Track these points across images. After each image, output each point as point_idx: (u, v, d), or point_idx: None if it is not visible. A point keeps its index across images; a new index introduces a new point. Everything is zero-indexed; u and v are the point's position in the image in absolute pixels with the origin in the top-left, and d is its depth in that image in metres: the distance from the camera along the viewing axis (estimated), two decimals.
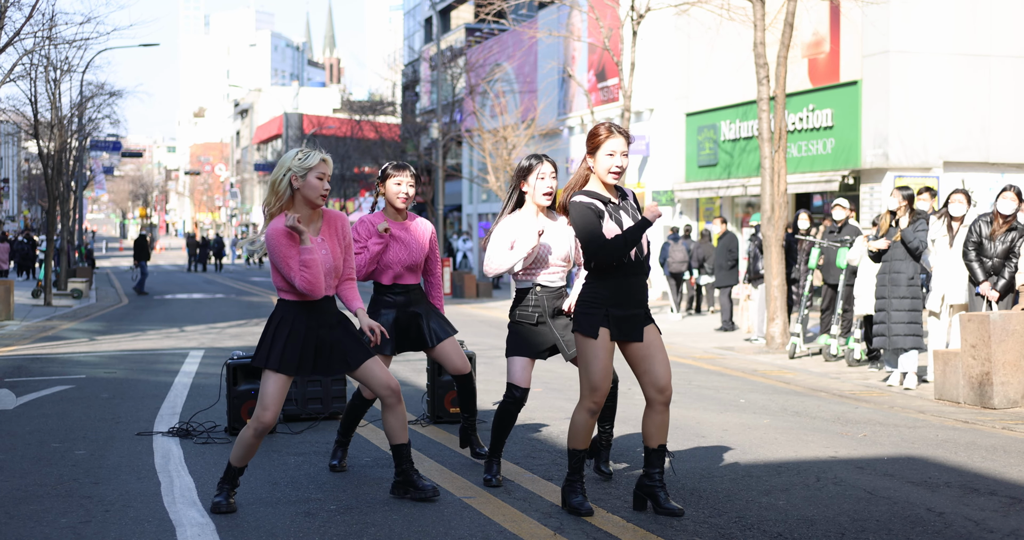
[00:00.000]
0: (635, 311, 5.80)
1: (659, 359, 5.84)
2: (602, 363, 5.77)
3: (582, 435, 5.88)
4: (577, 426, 5.88)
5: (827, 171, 22.72)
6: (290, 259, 5.81)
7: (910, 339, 11.30)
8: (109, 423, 9.07)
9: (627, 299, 5.77)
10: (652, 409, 5.88)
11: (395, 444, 6.18)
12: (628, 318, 5.78)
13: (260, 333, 6.46)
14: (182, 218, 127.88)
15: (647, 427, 5.90)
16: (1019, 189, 10.79)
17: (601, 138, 5.78)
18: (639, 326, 5.81)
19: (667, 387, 5.83)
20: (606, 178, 5.78)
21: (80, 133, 34.84)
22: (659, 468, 5.91)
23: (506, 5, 25.31)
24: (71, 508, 6.12)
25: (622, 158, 5.77)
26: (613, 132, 5.79)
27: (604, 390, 5.79)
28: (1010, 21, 21.93)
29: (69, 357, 14.61)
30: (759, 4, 16.07)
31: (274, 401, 5.91)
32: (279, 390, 5.93)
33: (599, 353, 5.76)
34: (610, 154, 5.76)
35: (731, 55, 24.92)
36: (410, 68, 57.33)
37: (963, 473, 7.12)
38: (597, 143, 5.79)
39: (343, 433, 7.17)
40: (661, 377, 5.82)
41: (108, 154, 54.67)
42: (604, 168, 5.77)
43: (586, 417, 5.85)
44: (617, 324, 5.76)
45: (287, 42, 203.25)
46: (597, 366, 5.77)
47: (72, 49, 27.09)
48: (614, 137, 5.78)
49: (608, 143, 5.77)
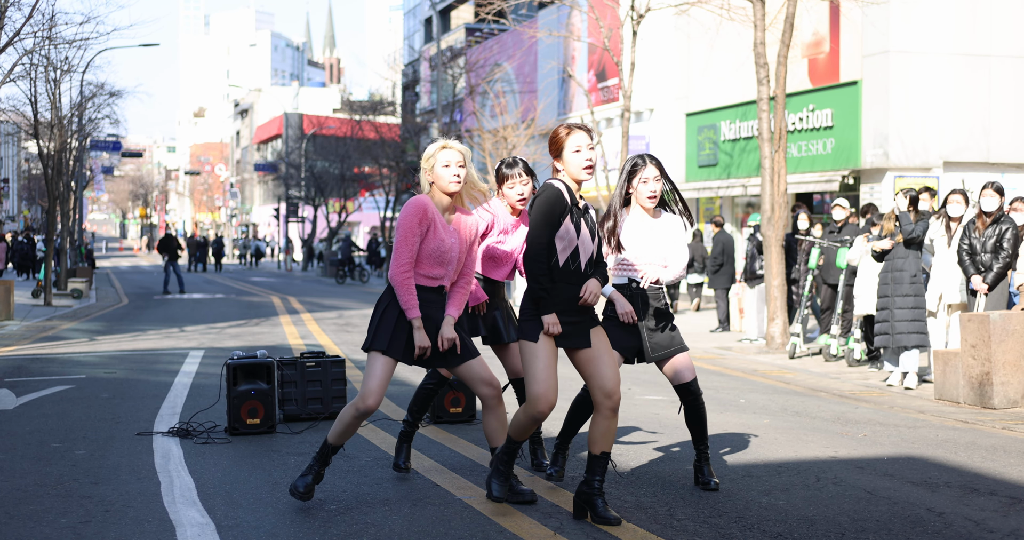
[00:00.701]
0: (581, 318, 5.69)
1: (606, 362, 5.70)
2: (544, 371, 5.59)
3: (521, 430, 5.76)
4: (517, 422, 5.75)
5: (827, 171, 22.74)
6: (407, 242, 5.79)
7: (914, 337, 11.30)
8: (109, 423, 9.07)
9: (570, 306, 5.64)
10: (599, 414, 5.72)
11: (493, 446, 6.09)
12: (572, 325, 5.66)
13: (260, 333, 6.45)
14: (182, 218, 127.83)
15: (592, 432, 5.75)
16: (1000, 185, 11.03)
17: (562, 137, 5.67)
18: (585, 332, 5.70)
19: (615, 391, 5.69)
20: (581, 175, 5.66)
21: (80, 133, 34.82)
22: (599, 476, 5.75)
23: (506, 5, 25.31)
24: (71, 508, 6.12)
25: (588, 151, 5.65)
26: (572, 129, 5.67)
27: (549, 400, 5.60)
28: (1010, 21, 21.94)
29: (69, 357, 14.60)
30: (759, 4, 16.07)
31: (378, 386, 5.84)
32: (384, 374, 5.87)
33: (540, 356, 5.59)
34: (576, 150, 5.64)
35: (731, 55, 24.92)
36: (410, 68, 57.33)
37: (963, 473, 7.12)
38: (560, 144, 5.67)
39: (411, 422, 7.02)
40: (609, 380, 5.68)
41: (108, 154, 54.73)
42: (576, 165, 5.64)
43: (527, 421, 5.71)
44: (564, 332, 5.64)
45: (287, 42, 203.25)
46: (539, 370, 5.59)
47: (72, 49, 27.05)
48: (575, 133, 5.66)
49: (570, 140, 5.65)
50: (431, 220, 5.83)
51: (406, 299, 5.82)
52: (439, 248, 5.86)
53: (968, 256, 10.99)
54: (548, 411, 5.65)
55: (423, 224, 5.81)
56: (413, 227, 5.79)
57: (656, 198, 6.40)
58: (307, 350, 13.75)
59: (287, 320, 21.05)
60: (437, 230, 5.85)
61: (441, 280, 5.95)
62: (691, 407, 6.53)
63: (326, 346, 15.49)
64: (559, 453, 6.62)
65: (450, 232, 5.92)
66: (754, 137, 24.75)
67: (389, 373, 5.91)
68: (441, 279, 5.95)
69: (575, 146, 5.65)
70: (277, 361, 8.90)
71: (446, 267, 5.93)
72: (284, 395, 8.95)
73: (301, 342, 16.22)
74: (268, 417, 8.45)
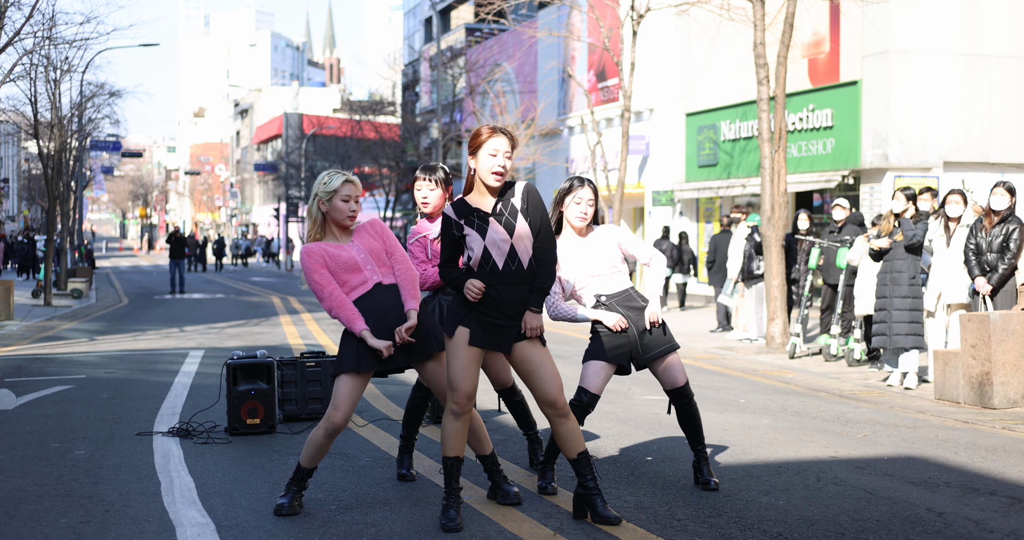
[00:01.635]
0: (504, 322, 5.61)
1: (542, 374, 5.65)
2: (460, 362, 5.58)
3: (450, 441, 5.67)
4: (444, 431, 5.69)
5: (827, 171, 22.74)
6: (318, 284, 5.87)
7: (911, 338, 11.30)
8: (109, 423, 9.07)
9: (492, 307, 5.58)
10: (552, 422, 5.75)
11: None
12: (496, 327, 5.60)
13: (260, 333, 6.46)
14: (182, 218, 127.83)
15: (557, 439, 5.77)
16: (1011, 185, 10.93)
17: (483, 138, 5.60)
18: (508, 338, 5.63)
19: (556, 399, 5.66)
20: (488, 179, 5.59)
21: (80, 133, 34.83)
22: (589, 475, 5.74)
23: (506, 5, 25.32)
24: (71, 508, 6.12)
25: (504, 158, 5.58)
26: (496, 132, 5.60)
27: (464, 391, 5.58)
28: (1010, 21, 21.94)
29: (69, 357, 14.61)
30: (759, 4, 16.07)
31: (345, 401, 5.84)
32: (351, 389, 5.86)
33: (456, 352, 5.58)
34: (492, 154, 5.58)
35: (731, 55, 24.93)
36: (410, 68, 57.34)
37: (963, 473, 7.12)
38: (479, 143, 5.60)
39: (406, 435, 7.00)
40: (547, 392, 5.65)
41: (108, 154, 54.72)
42: (486, 168, 5.59)
43: (451, 420, 5.65)
44: (482, 329, 5.60)
45: (287, 42, 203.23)
46: (455, 365, 5.58)
47: (72, 49, 27.07)
48: (496, 136, 5.59)
49: (490, 142, 5.58)
50: (322, 252, 5.90)
51: (345, 317, 5.86)
52: (341, 261, 5.91)
53: (974, 256, 10.93)
54: (466, 403, 5.60)
55: (319, 259, 5.89)
56: (317, 269, 5.87)
57: (586, 218, 6.37)
58: (307, 350, 13.75)
59: (287, 320, 21.06)
60: (330, 252, 5.91)
61: (367, 282, 5.95)
62: (684, 410, 6.53)
63: (326, 346, 15.49)
64: (547, 467, 6.53)
65: (350, 246, 5.97)
66: (754, 137, 24.76)
67: (357, 388, 5.89)
68: (367, 282, 5.95)
69: (492, 149, 5.59)
70: (277, 361, 8.91)
71: (364, 269, 5.94)
72: (284, 395, 8.96)
73: (301, 342, 16.22)
74: (268, 417, 8.45)
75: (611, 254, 6.41)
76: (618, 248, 6.44)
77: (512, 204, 5.65)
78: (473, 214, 5.60)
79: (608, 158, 30.04)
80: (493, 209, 5.62)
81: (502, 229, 5.58)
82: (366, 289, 5.93)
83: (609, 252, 6.41)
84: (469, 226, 5.58)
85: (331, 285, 5.87)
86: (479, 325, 5.59)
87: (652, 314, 6.34)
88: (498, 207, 5.63)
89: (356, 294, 5.93)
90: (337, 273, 5.91)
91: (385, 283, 5.97)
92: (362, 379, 5.90)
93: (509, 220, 5.60)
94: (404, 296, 5.97)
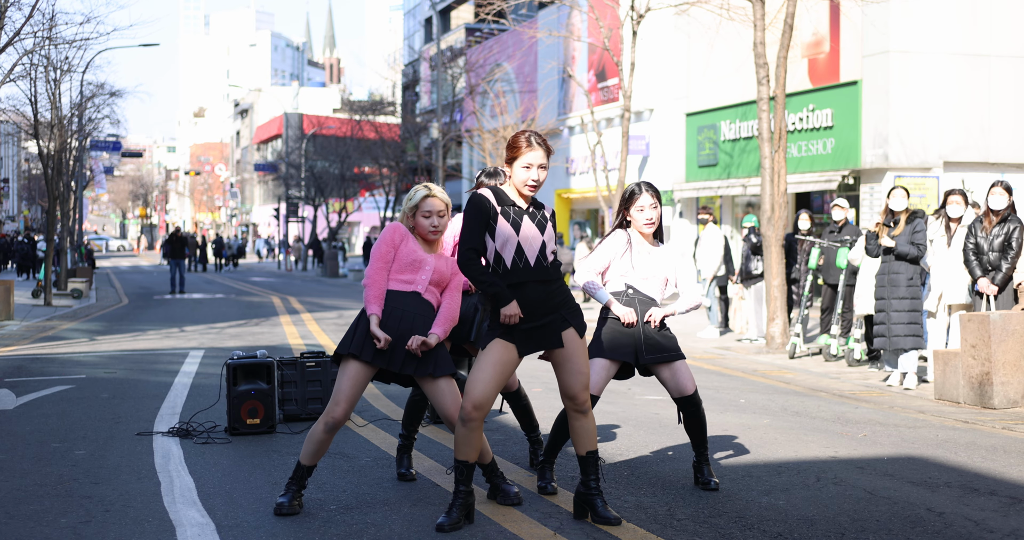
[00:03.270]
0: (548, 318, 5.62)
1: (572, 367, 5.67)
2: (484, 373, 5.53)
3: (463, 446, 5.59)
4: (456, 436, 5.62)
5: (827, 171, 22.73)
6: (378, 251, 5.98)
7: (910, 340, 11.30)
8: (109, 423, 9.07)
9: (536, 308, 5.59)
10: (569, 415, 5.78)
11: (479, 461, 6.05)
12: (540, 328, 5.60)
13: (260, 333, 6.47)
14: (182, 218, 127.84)
15: (572, 434, 5.80)
16: (1008, 184, 10.95)
17: (520, 150, 5.61)
18: (556, 333, 5.64)
19: (578, 395, 5.69)
20: (523, 190, 5.64)
21: (80, 133, 34.81)
22: (593, 475, 5.75)
23: (506, 5, 25.32)
24: (71, 508, 6.12)
25: (539, 171, 5.60)
26: (532, 144, 5.60)
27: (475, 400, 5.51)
28: (1010, 21, 21.94)
29: (69, 357, 14.61)
30: (759, 4, 16.07)
31: (346, 396, 5.86)
32: (352, 384, 5.88)
33: (483, 363, 5.56)
34: (526, 167, 5.60)
35: (731, 55, 24.93)
36: (410, 68, 57.35)
37: (963, 473, 7.12)
38: (516, 154, 5.63)
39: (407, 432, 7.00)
40: (572, 385, 5.68)
41: (108, 154, 54.68)
42: (520, 180, 5.61)
43: (459, 427, 5.58)
44: (527, 336, 5.58)
45: (287, 42, 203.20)
46: (478, 375, 5.54)
47: (72, 49, 27.05)
48: (532, 150, 5.59)
49: (525, 156, 5.60)
50: (404, 237, 6.00)
51: (370, 295, 5.95)
52: (410, 256, 5.97)
53: (974, 256, 10.93)
54: (474, 411, 5.54)
55: (397, 238, 5.99)
56: (388, 243, 5.99)
57: (653, 224, 6.50)
58: (307, 350, 13.76)
59: (287, 320, 21.06)
60: (410, 243, 6.00)
61: (413, 285, 5.98)
62: (692, 416, 6.54)
63: (326, 346, 15.49)
64: (546, 467, 6.50)
65: (428, 255, 6.03)
66: (754, 137, 24.75)
67: (359, 383, 5.89)
68: (413, 284, 5.98)
69: (526, 162, 5.61)
70: (277, 361, 8.90)
71: (418, 273, 5.98)
72: (284, 395, 8.96)
73: (301, 342, 16.22)
74: (268, 417, 8.45)
75: (667, 269, 6.60)
76: (674, 266, 6.63)
77: (543, 212, 5.77)
78: (510, 206, 5.66)
79: (608, 158, 30.04)
80: (527, 208, 5.72)
81: (535, 227, 5.65)
82: (406, 289, 5.98)
83: (667, 267, 6.60)
84: (504, 218, 5.61)
85: (383, 265, 5.97)
86: (523, 333, 5.58)
87: (652, 313, 6.38)
88: (530, 208, 5.73)
89: (394, 287, 5.99)
90: (399, 262, 5.99)
91: (424, 297, 6.01)
92: (364, 374, 5.90)
93: (541, 221, 5.70)
94: (437, 320, 5.99)
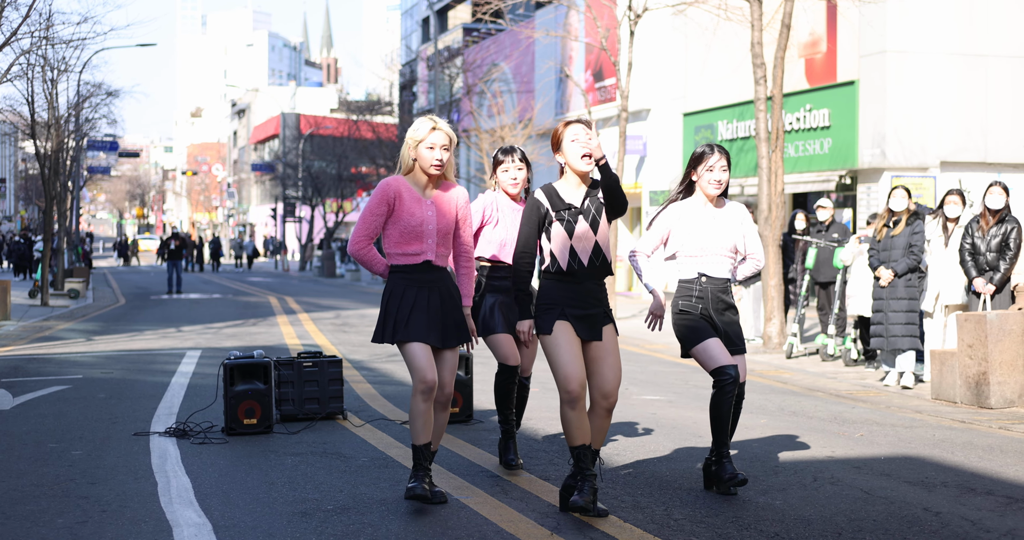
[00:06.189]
0: (592, 311, 5.79)
1: (610, 363, 5.78)
2: (567, 354, 5.67)
3: (572, 430, 5.72)
4: (564, 423, 5.74)
5: (824, 171, 22.73)
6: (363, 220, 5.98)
7: (907, 340, 11.31)
8: (106, 423, 9.06)
9: (582, 300, 5.76)
10: (594, 413, 5.82)
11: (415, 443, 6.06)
12: (586, 317, 5.76)
13: (257, 333, 6.47)
14: (179, 218, 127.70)
15: (592, 430, 5.82)
16: (1005, 184, 10.97)
17: (560, 130, 5.83)
18: (598, 325, 5.79)
19: (612, 393, 5.77)
20: (578, 165, 5.76)
21: (77, 133, 34.78)
22: (588, 469, 5.78)
23: (503, 5, 25.30)
24: (68, 508, 6.11)
25: (587, 139, 5.72)
26: (570, 123, 5.82)
27: (578, 379, 5.65)
28: (1008, 21, 21.93)
29: (66, 357, 14.60)
30: (756, 4, 16.07)
31: (425, 363, 5.90)
32: (423, 352, 5.92)
33: (560, 344, 5.68)
34: (573, 140, 5.76)
35: (728, 55, 24.93)
36: (407, 68, 57.30)
37: (960, 473, 7.12)
38: (558, 137, 5.83)
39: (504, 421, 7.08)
40: (608, 382, 5.77)
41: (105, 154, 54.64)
42: (574, 154, 5.76)
43: (568, 411, 5.70)
44: (577, 321, 5.73)
45: (284, 42, 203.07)
46: (562, 358, 5.68)
47: (69, 49, 26.97)
48: (572, 125, 5.80)
49: (568, 131, 5.79)
50: (395, 198, 5.97)
51: (372, 266, 6.05)
52: (410, 222, 5.96)
53: (971, 257, 10.95)
54: (580, 390, 5.66)
55: (384, 203, 5.97)
56: (373, 207, 6.00)
57: (722, 185, 6.42)
58: (304, 350, 13.74)
59: (284, 320, 21.05)
60: (405, 205, 5.97)
61: (423, 255, 6.01)
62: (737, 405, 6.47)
63: (323, 346, 15.49)
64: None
65: (426, 206, 6.02)
66: (751, 137, 24.74)
67: (427, 350, 5.94)
68: (423, 254, 6.01)
69: (572, 136, 5.78)
70: (274, 361, 8.90)
71: (424, 241, 6.00)
72: (281, 395, 8.95)
73: (298, 342, 16.22)
74: (265, 417, 8.45)
75: (734, 234, 6.43)
76: (740, 230, 6.46)
77: (600, 199, 5.85)
78: (564, 209, 5.79)
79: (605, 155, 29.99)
80: (582, 204, 5.80)
81: (588, 228, 5.77)
82: (415, 262, 6.01)
83: (733, 232, 6.44)
84: (559, 221, 5.76)
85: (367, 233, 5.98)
86: (574, 318, 5.73)
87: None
88: (586, 203, 5.81)
89: (404, 261, 6.01)
90: (397, 228, 5.98)
91: (435, 263, 6.05)
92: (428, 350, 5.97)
93: (595, 217, 5.80)
94: (464, 293, 6.16)
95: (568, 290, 5.75)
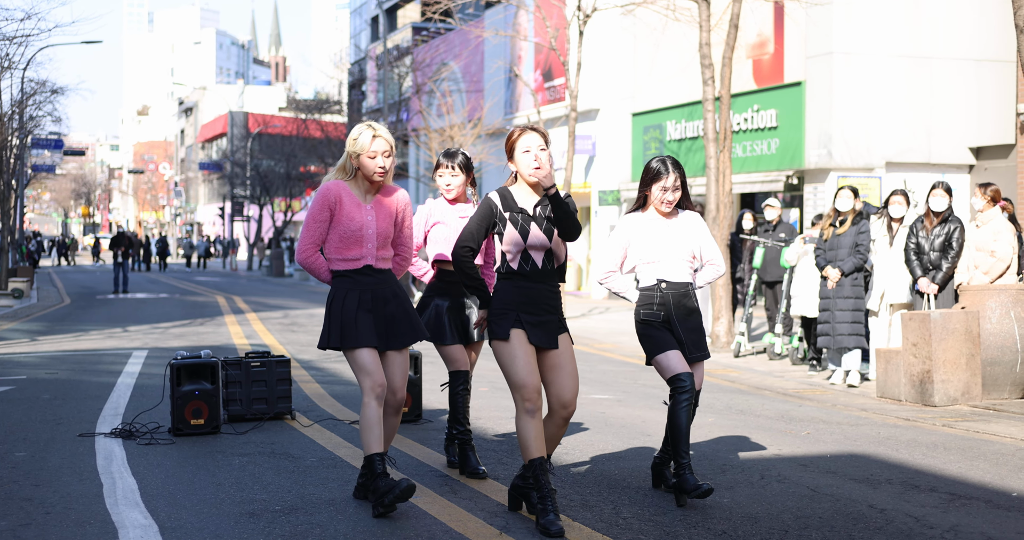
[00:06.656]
0: (546, 317, 5.75)
1: (568, 371, 5.75)
2: (521, 360, 5.62)
3: (530, 442, 5.64)
4: (522, 433, 5.66)
5: (772, 171, 22.90)
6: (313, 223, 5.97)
7: (852, 338, 11.42)
8: (50, 424, 8.96)
9: (536, 305, 5.72)
10: (552, 422, 5.81)
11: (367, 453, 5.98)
12: (540, 324, 5.72)
13: (205, 333, 6.42)
14: (126, 217, 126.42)
15: (546, 437, 5.82)
16: (948, 185, 11.13)
17: (514, 138, 5.76)
18: (553, 333, 5.76)
19: (571, 402, 5.74)
20: (528, 177, 5.72)
21: (21, 131, 34.33)
22: (530, 477, 5.71)
23: (453, 4, 25.28)
24: (10, 511, 6.03)
25: (540, 152, 5.69)
26: (525, 130, 5.76)
27: (534, 386, 5.61)
28: (953, 23, 22.21)
29: (9, 358, 14.41)
30: (704, 5, 16.17)
31: (373, 366, 5.90)
32: (370, 355, 5.92)
33: (515, 352, 5.64)
34: (525, 151, 5.71)
35: (677, 55, 25.05)
36: (356, 67, 57.11)
37: (904, 470, 7.20)
38: (512, 144, 5.76)
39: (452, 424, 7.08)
40: (567, 391, 5.74)
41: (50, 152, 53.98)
42: (525, 166, 5.70)
43: (527, 420, 5.63)
44: (532, 328, 5.69)
45: (232, 40, 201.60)
46: (517, 364, 5.62)
47: (12, 46, 26.67)
48: (526, 134, 5.74)
49: (521, 140, 5.73)
50: (335, 202, 5.96)
51: (320, 274, 6.07)
52: (350, 227, 5.96)
53: (915, 256, 11.10)
54: (535, 397, 5.62)
55: (326, 209, 5.96)
56: (315, 213, 5.99)
57: (671, 205, 6.39)
58: (252, 350, 13.66)
59: (232, 320, 20.91)
60: (345, 210, 5.96)
61: (363, 259, 6.01)
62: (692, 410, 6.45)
63: (271, 346, 15.40)
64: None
65: (366, 210, 6.02)
66: (700, 137, 24.89)
67: (375, 355, 5.95)
68: (363, 259, 6.01)
69: (524, 147, 5.73)
70: (222, 361, 8.84)
71: (364, 245, 6.00)
72: (229, 395, 8.89)
73: (246, 342, 16.11)
74: (212, 417, 8.38)
75: (690, 242, 6.42)
76: (697, 238, 6.45)
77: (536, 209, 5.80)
78: (517, 212, 5.75)
79: (554, 158, 30.06)
80: (534, 211, 5.77)
81: (542, 234, 5.73)
82: (355, 266, 6.01)
83: (689, 239, 6.42)
84: (512, 224, 5.73)
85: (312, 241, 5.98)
86: (529, 325, 5.70)
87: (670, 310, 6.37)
88: (537, 210, 5.77)
89: (344, 266, 6.01)
90: (337, 233, 5.98)
91: (376, 267, 6.05)
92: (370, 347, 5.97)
93: (549, 225, 5.75)
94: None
95: (521, 293, 5.70)
